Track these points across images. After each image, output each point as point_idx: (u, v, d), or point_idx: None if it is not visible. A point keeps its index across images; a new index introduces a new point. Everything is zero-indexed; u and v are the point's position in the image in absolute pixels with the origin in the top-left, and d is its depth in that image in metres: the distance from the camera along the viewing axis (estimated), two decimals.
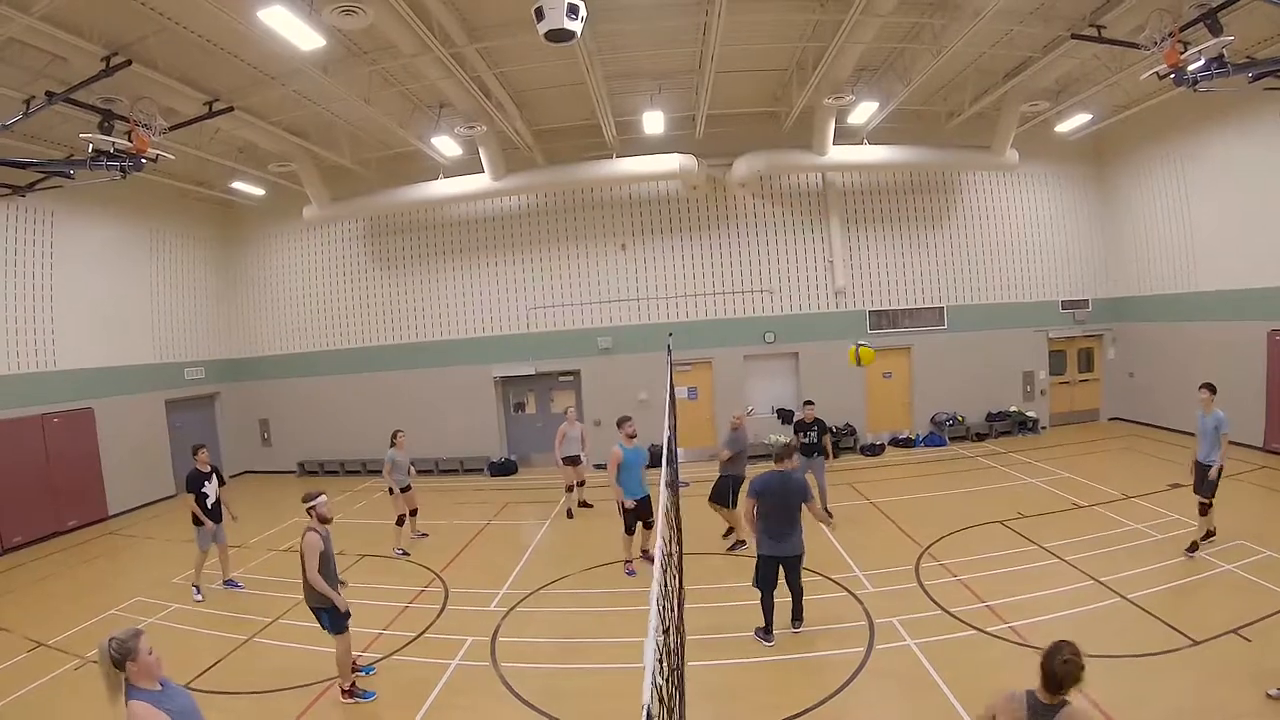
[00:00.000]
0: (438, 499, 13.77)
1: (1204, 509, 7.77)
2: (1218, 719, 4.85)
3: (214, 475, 8.75)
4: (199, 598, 8.54)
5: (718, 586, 7.82)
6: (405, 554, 10.00)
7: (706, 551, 9.11)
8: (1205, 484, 7.69)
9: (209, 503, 8.58)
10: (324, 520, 5.96)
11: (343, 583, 6.20)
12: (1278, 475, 10.82)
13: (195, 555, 8.69)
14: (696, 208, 15.53)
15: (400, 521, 10.20)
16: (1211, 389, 7.88)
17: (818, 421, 10.04)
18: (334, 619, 5.81)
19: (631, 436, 8.79)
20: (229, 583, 8.91)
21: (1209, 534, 7.85)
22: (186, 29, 8.73)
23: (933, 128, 14.74)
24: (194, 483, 8.57)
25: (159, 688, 3.43)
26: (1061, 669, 2.98)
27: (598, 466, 15.41)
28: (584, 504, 12.02)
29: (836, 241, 15.44)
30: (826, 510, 8.60)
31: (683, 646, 3.98)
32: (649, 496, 8.66)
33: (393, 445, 10.29)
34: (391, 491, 10.25)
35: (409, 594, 8.41)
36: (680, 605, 3.93)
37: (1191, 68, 8.46)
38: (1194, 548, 7.74)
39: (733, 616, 7.03)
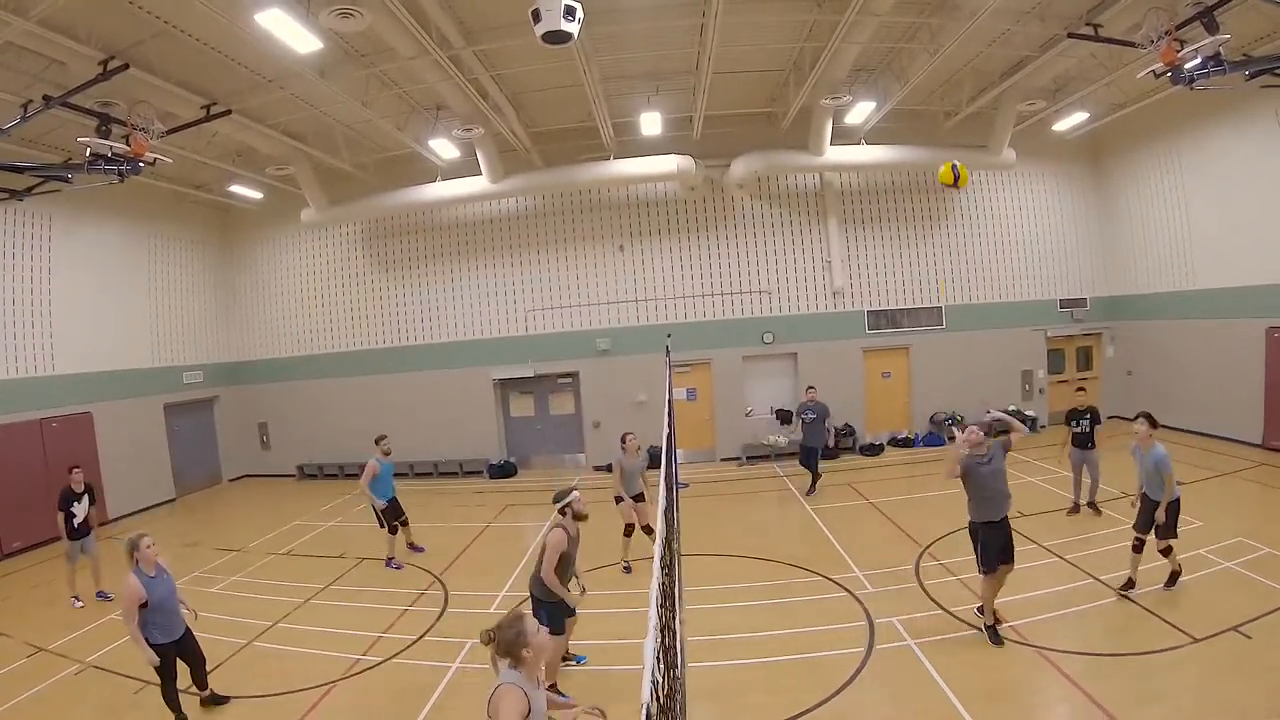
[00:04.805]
0: (437, 501, 13.78)
1: (1166, 551, 6.62)
2: (1219, 717, 4.84)
3: (86, 494, 8.91)
4: (79, 605, 8.69)
5: (718, 587, 7.82)
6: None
7: (707, 552, 9.12)
8: (1164, 524, 6.52)
9: (76, 521, 8.79)
10: (579, 517, 5.80)
11: (581, 587, 6.03)
12: (1276, 472, 10.82)
13: (64, 568, 8.89)
14: (694, 209, 15.54)
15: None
16: (1150, 420, 6.69)
17: (1091, 410, 9.51)
18: (553, 617, 5.61)
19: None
20: (100, 594, 8.89)
21: (1174, 574, 6.72)
22: (184, 33, 8.75)
23: (930, 127, 14.76)
24: (64, 501, 8.74)
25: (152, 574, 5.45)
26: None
27: (597, 468, 15.50)
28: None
29: (834, 242, 15.44)
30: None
31: (682, 647, 3.98)
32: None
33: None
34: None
35: (409, 597, 8.40)
36: (679, 605, 3.92)
37: (1188, 66, 8.47)
38: (1130, 584, 6.76)
39: (733, 617, 7.04)
